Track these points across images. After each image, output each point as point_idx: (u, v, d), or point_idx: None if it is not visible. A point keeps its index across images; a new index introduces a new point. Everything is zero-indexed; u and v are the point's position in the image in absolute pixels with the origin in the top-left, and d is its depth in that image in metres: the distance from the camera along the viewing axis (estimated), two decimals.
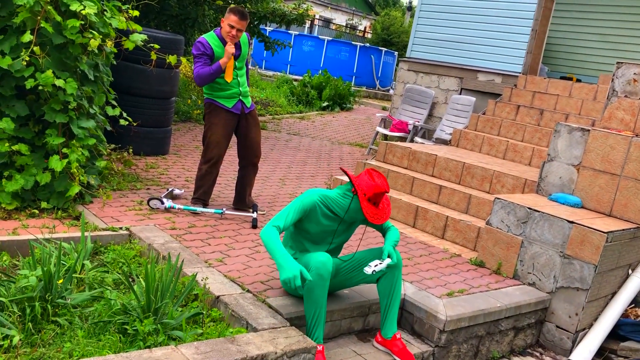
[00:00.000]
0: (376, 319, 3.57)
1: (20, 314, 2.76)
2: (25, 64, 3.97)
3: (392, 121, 8.91)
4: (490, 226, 4.61)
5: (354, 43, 20.43)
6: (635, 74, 4.88)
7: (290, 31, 19.15)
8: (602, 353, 4.21)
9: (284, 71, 18.70)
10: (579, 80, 7.92)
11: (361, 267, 3.28)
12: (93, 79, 4.52)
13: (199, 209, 4.66)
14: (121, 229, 4.07)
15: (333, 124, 11.87)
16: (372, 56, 20.20)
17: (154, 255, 3.63)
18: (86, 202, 4.48)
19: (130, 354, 2.47)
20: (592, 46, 8.52)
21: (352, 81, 18.83)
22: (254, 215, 4.68)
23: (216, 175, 4.81)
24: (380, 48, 21.46)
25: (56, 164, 4.11)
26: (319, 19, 30.41)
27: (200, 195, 4.77)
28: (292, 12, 10.16)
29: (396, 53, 21.96)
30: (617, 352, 4.24)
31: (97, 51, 4.42)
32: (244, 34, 4.70)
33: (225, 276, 3.52)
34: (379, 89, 20.18)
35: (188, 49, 9.92)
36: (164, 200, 4.63)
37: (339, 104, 13.85)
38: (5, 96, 4.13)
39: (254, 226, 4.59)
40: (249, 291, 3.36)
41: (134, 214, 4.43)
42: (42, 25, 3.93)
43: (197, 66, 4.50)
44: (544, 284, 4.26)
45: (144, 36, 4.77)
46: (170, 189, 4.98)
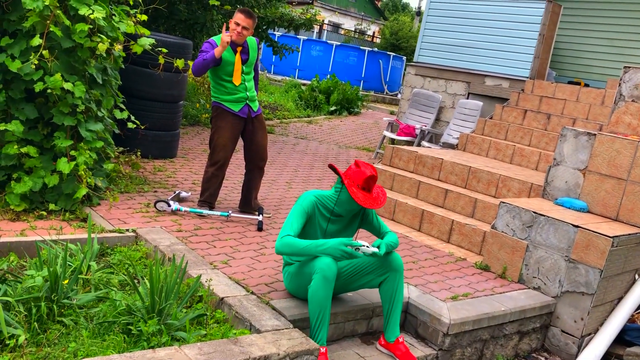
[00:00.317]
0: (380, 322, 3.58)
1: (27, 313, 2.80)
2: (35, 67, 4.02)
3: (400, 125, 8.92)
4: (496, 230, 4.60)
5: (362, 48, 20.47)
6: None
7: (299, 36, 19.22)
8: (608, 358, 4.18)
9: (292, 76, 18.76)
10: (586, 85, 7.90)
11: (362, 271, 3.29)
12: (101, 82, 4.57)
13: (205, 212, 4.70)
14: (128, 230, 4.11)
15: (340, 128, 11.89)
16: (380, 61, 20.24)
17: (159, 257, 3.66)
18: (93, 204, 4.53)
19: (133, 354, 2.49)
20: (600, 50, 8.49)
21: (360, 86, 18.89)
22: (260, 218, 4.71)
23: (222, 178, 4.84)
24: (389, 53, 21.50)
25: (64, 166, 4.15)
26: (327, 24, 30.51)
27: (207, 197, 4.81)
28: (300, 17, 10.21)
29: (404, 58, 21.97)
30: (623, 358, 4.21)
31: (105, 55, 4.48)
32: (253, 39, 4.74)
33: (230, 278, 3.54)
34: (387, 93, 20.19)
35: (196, 53, 9.99)
36: (171, 202, 4.66)
37: (346, 108, 13.87)
38: (15, 99, 4.18)
39: (260, 229, 4.61)
40: (253, 293, 3.38)
41: (140, 216, 4.47)
42: (52, 29, 3.98)
43: (198, 57, 4.56)
44: (549, 288, 4.25)
45: (152, 40, 4.82)
46: (177, 192, 5.02)
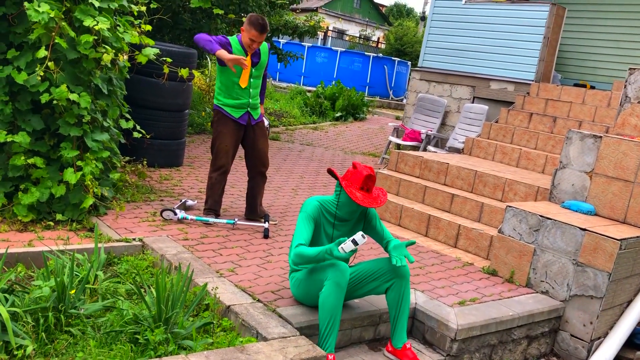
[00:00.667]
0: (387, 328, 3.56)
1: (34, 324, 2.81)
2: (40, 79, 4.06)
3: (405, 130, 8.91)
4: (503, 234, 4.58)
5: (367, 54, 20.50)
6: None
7: (303, 43, 19.26)
8: None
9: (297, 82, 18.82)
10: (592, 87, 7.87)
11: (369, 277, 3.28)
12: (107, 92, 4.60)
13: (212, 220, 4.71)
14: (134, 240, 4.13)
15: (346, 134, 11.90)
16: (385, 66, 20.25)
17: (166, 266, 3.67)
18: (100, 213, 4.55)
19: None
20: (606, 52, 8.45)
21: (366, 91, 18.90)
22: (266, 225, 4.71)
23: (225, 184, 4.85)
24: (394, 58, 21.51)
25: (71, 176, 4.18)
26: (332, 31, 30.59)
27: (211, 205, 4.82)
28: (304, 24, 10.25)
29: (409, 63, 22.00)
30: None
31: (110, 65, 4.51)
32: (265, 43, 4.75)
33: (236, 286, 3.55)
34: (392, 98, 20.20)
35: (201, 62, 10.05)
36: (177, 211, 4.68)
37: (352, 114, 13.88)
38: (22, 111, 4.22)
39: (266, 236, 4.62)
40: (259, 301, 3.38)
41: (147, 225, 4.49)
42: (57, 40, 4.02)
43: (209, 36, 4.47)
44: (557, 292, 4.22)
45: (156, 50, 4.86)
46: (183, 200, 5.04)
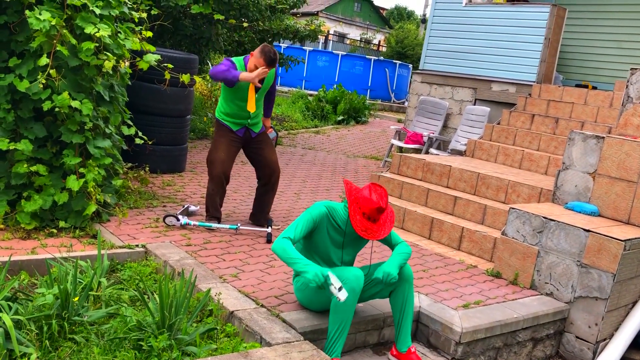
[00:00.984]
0: (391, 332, 3.55)
1: (38, 331, 2.81)
2: (42, 86, 4.06)
3: (407, 133, 8.91)
4: (506, 236, 4.57)
5: (368, 57, 20.52)
6: None
7: (304, 47, 19.29)
8: None
9: (299, 87, 18.82)
10: (594, 88, 7.85)
11: (372, 281, 3.27)
12: (108, 99, 4.61)
13: (214, 225, 4.70)
14: (137, 246, 4.13)
15: (348, 137, 11.90)
16: (386, 69, 20.26)
17: (169, 272, 3.66)
18: (103, 220, 4.55)
19: None
20: (607, 53, 8.44)
21: (367, 94, 18.90)
22: (269, 230, 4.71)
23: (224, 194, 4.84)
24: (395, 61, 21.52)
25: (73, 183, 4.18)
26: (333, 34, 30.62)
27: (213, 213, 4.83)
28: (305, 28, 10.25)
29: (410, 65, 21.98)
30: None
31: (111, 72, 4.52)
32: (273, 69, 4.65)
33: (240, 291, 3.54)
34: (394, 101, 20.19)
35: (202, 68, 10.06)
36: (180, 217, 4.68)
37: (354, 117, 13.89)
38: (24, 118, 4.23)
39: (269, 241, 4.61)
40: (263, 306, 3.37)
41: (150, 231, 4.49)
42: (58, 48, 4.03)
43: (219, 65, 4.49)
44: (561, 294, 4.21)
45: (158, 56, 4.86)
46: (186, 206, 5.04)
